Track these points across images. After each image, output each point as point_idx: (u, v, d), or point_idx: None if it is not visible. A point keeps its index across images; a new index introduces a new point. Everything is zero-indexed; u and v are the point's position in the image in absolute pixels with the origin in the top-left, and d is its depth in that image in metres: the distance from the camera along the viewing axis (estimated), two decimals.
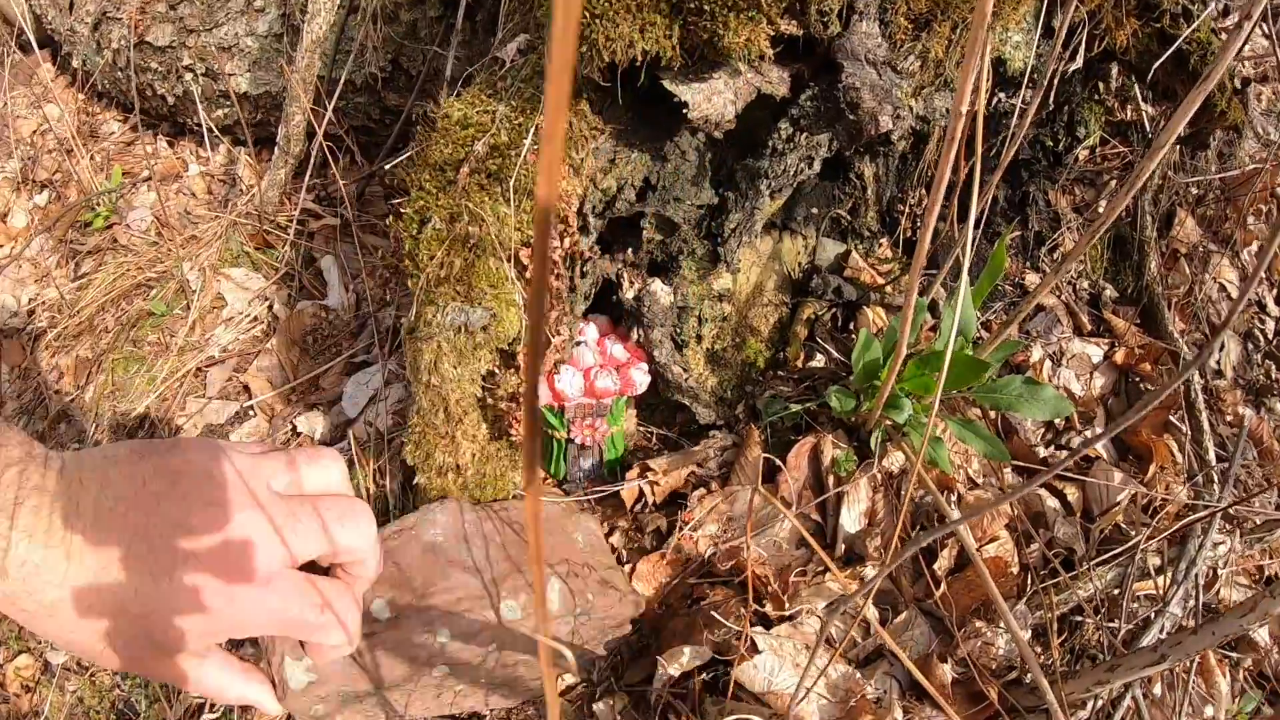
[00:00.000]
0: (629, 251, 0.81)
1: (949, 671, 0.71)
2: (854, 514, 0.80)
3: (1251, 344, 1.06)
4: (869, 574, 0.79)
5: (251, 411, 1.04)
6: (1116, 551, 0.80)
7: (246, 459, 0.41)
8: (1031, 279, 1.04)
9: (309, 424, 1.00)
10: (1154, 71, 0.82)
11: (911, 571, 0.79)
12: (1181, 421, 0.91)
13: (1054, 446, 0.92)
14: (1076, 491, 0.86)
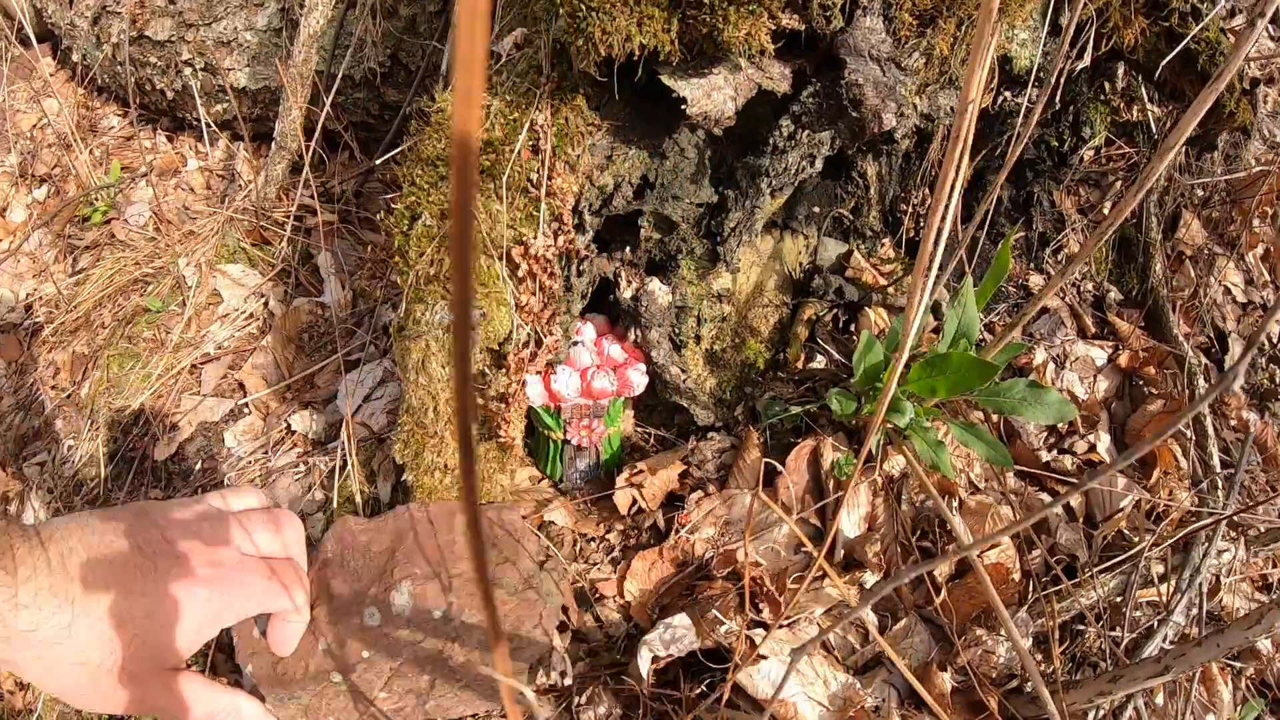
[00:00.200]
0: (627, 250, 0.80)
1: (948, 680, 0.70)
2: (854, 518, 0.79)
3: (1256, 348, 1.04)
4: (868, 580, 0.77)
5: (246, 409, 1.04)
6: (1119, 558, 0.79)
7: (189, 501, 0.55)
8: (1035, 280, 1.03)
9: (303, 422, 0.99)
10: (1161, 70, 0.81)
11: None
12: (1186, 427, 0.90)
13: (1057, 451, 0.91)
14: (1079, 497, 0.85)
